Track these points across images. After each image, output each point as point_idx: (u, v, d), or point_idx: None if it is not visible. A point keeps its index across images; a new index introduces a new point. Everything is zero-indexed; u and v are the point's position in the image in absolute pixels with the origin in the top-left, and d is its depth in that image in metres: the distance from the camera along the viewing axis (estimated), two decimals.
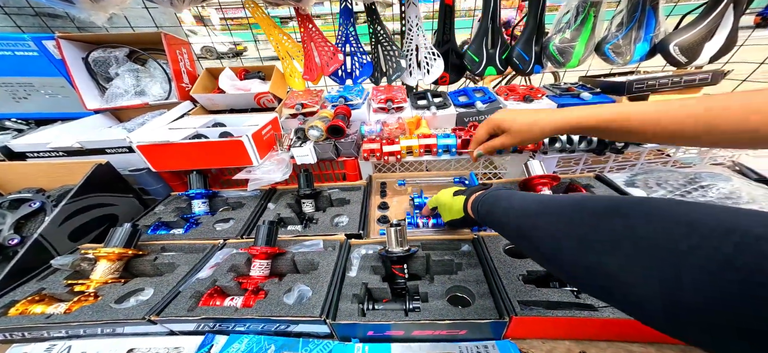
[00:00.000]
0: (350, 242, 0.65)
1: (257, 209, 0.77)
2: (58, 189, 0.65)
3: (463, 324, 0.48)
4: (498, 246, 0.59)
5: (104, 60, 0.83)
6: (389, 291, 0.58)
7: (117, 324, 0.47)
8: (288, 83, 1.03)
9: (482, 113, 0.96)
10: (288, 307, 0.51)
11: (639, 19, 0.85)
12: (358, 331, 0.53)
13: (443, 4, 0.95)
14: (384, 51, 0.98)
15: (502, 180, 0.85)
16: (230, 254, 0.62)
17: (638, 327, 0.45)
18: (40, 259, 0.54)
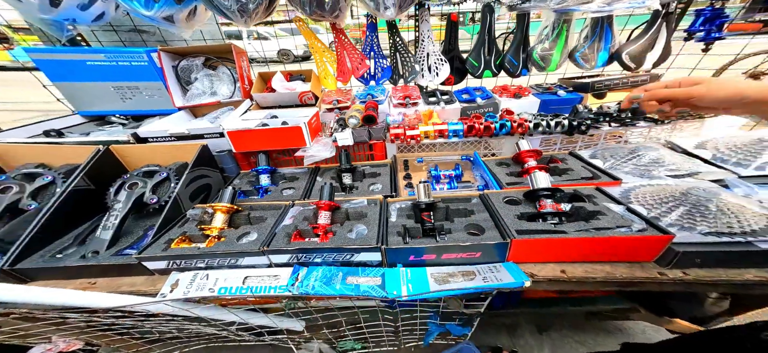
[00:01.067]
0: (388, 200, 0.86)
1: (310, 181, 0.97)
2: (173, 164, 0.84)
3: (478, 246, 0.67)
4: (499, 198, 0.80)
5: (188, 67, 1.02)
6: (421, 232, 0.78)
7: (239, 255, 0.64)
8: (322, 84, 1.23)
9: (482, 107, 1.18)
10: (352, 241, 0.70)
11: (599, 33, 1.09)
12: (402, 256, 0.70)
13: (449, 20, 1.18)
14: (401, 58, 1.20)
15: (497, 157, 1.06)
16: (301, 210, 0.82)
17: (596, 247, 0.61)
18: (176, 212, 0.72)
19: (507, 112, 1.05)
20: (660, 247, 0.58)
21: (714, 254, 0.55)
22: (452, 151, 1.15)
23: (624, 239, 0.58)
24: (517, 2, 0.96)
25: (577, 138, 1.01)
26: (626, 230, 0.59)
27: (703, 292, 0.92)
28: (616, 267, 0.62)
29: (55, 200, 0.70)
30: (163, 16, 0.83)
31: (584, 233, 0.61)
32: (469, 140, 1.07)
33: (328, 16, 0.93)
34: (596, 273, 0.61)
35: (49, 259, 0.66)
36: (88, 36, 1.12)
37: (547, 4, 0.92)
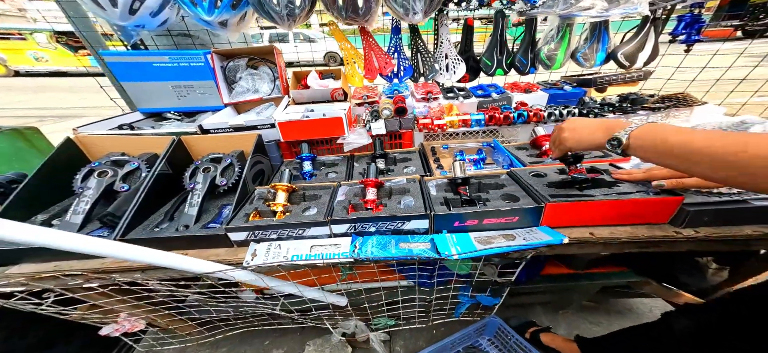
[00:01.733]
0: (425, 179, 0.95)
1: (349, 166, 1.05)
2: (233, 152, 0.92)
3: (515, 211, 0.75)
4: (526, 173, 0.90)
5: (234, 67, 1.10)
6: (460, 203, 0.87)
7: (306, 226, 0.70)
8: (350, 82, 1.33)
9: (496, 101, 1.30)
10: (402, 210, 0.79)
11: (597, 36, 1.24)
12: (448, 223, 0.78)
13: (466, 24, 1.32)
14: (422, 58, 1.32)
15: (513, 144, 1.17)
16: (349, 188, 0.89)
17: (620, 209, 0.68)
18: (244, 192, 0.80)
19: (522, 104, 1.18)
20: (673, 207, 0.66)
21: (719, 213, 0.64)
22: (473, 139, 1.26)
23: (643, 201, 0.66)
24: (527, 8, 1.09)
25: None
26: (643, 194, 0.69)
27: (705, 264, 1.03)
28: (637, 228, 0.69)
29: (147, 181, 0.79)
30: (219, 20, 0.91)
31: (610, 197, 0.69)
32: (487, 129, 1.18)
33: (361, 20, 1.03)
34: (620, 234, 0.69)
35: (149, 232, 0.73)
36: (145, 39, 1.20)
37: (554, 9, 1.06)
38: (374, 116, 1.07)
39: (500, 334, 1.11)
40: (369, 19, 1.02)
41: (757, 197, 0.62)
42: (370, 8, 0.94)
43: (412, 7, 0.90)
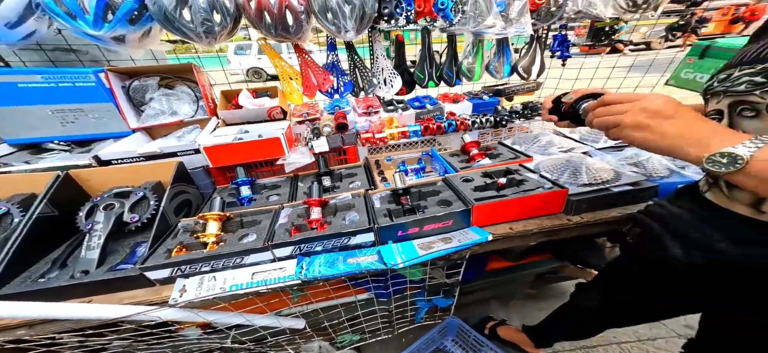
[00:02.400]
0: (369, 192, 0.99)
1: (292, 186, 1.02)
2: (147, 183, 0.78)
3: (449, 215, 0.85)
4: (457, 179, 1.02)
5: (141, 87, 0.94)
6: (402, 213, 0.94)
7: (245, 254, 0.68)
8: (288, 99, 1.29)
9: (431, 111, 1.43)
10: (347, 226, 0.81)
11: (502, 51, 1.48)
12: (392, 233, 0.84)
13: (396, 40, 1.41)
14: (360, 73, 1.36)
15: (449, 151, 1.31)
16: (292, 210, 0.87)
17: (527, 204, 0.83)
18: (165, 226, 0.70)
19: (451, 114, 1.32)
20: (562, 198, 0.85)
21: (592, 200, 0.82)
22: (414, 149, 1.36)
23: (542, 195, 0.83)
24: (446, 26, 1.23)
25: (501, 130, 1.34)
26: (541, 189, 0.86)
27: (602, 244, 1.30)
28: (543, 220, 0.85)
29: (22, 227, 0.65)
30: (112, 36, 0.79)
31: (518, 195, 0.84)
32: (425, 138, 1.30)
33: (292, 37, 1.01)
34: (532, 226, 0.84)
35: (31, 284, 0.60)
36: (5, 55, 0.94)
37: (467, 27, 1.22)
38: (315, 133, 1.07)
39: (461, 333, 1.22)
40: (302, 36, 1.02)
41: (616, 184, 0.83)
42: (302, 26, 0.94)
43: (343, 25, 0.93)
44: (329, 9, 0.91)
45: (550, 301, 1.49)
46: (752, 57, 0.44)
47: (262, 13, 0.78)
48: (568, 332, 1.06)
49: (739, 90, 0.44)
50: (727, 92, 0.46)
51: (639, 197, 0.82)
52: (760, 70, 0.42)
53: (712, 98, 0.50)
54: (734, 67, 0.47)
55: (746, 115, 0.45)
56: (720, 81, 0.48)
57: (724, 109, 0.47)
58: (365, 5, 0.98)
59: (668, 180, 0.82)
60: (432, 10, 1.20)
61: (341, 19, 0.93)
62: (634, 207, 0.82)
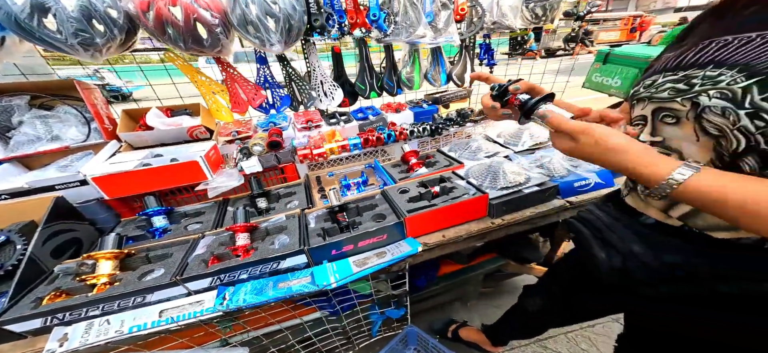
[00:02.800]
0: (305, 211, 0.95)
1: (220, 212, 0.94)
2: (13, 225, 0.64)
3: (383, 229, 0.86)
4: (395, 190, 1.03)
5: (6, 108, 0.76)
6: (339, 231, 0.92)
7: (147, 292, 0.60)
8: (215, 117, 1.19)
9: (373, 122, 1.45)
10: (275, 250, 0.77)
11: (437, 60, 1.56)
12: (325, 253, 0.82)
13: (333, 52, 1.40)
14: (297, 86, 1.32)
15: (392, 161, 1.33)
16: (214, 238, 0.80)
17: (455, 211, 0.87)
18: (35, 272, 0.59)
19: (392, 124, 1.35)
20: (485, 203, 0.91)
21: (508, 202, 0.90)
22: (357, 162, 1.36)
23: (468, 201, 0.88)
24: (381, 36, 1.26)
25: (439, 138, 1.40)
26: (467, 195, 0.91)
27: (536, 239, 1.42)
28: (471, 224, 0.91)
29: None
30: None
31: (446, 203, 0.88)
32: (368, 150, 1.30)
33: (209, 51, 0.93)
34: (461, 232, 0.89)
35: None
36: None
37: (401, 37, 1.26)
38: (245, 153, 1.00)
39: (421, 341, 1.23)
40: (222, 50, 0.95)
41: (527, 186, 0.91)
42: (219, 39, 0.87)
43: (267, 38, 0.88)
44: (250, 22, 0.86)
45: (505, 297, 1.60)
46: (674, 64, 0.45)
47: (163, 25, 0.71)
48: (517, 332, 1.15)
49: (662, 97, 0.44)
50: (651, 98, 0.47)
51: (545, 197, 0.91)
52: (681, 77, 0.42)
53: (638, 103, 0.50)
54: (659, 74, 0.47)
55: (667, 121, 0.45)
56: (645, 87, 0.48)
57: (648, 115, 0.48)
58: (291, 18, 0.95)
59: (566, 179, 0.93)
60: (365, 21, 1.21)
61: (264, 32, 0.89)
62: (544, 206, 0.92)
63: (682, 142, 0.44)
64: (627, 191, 0.58)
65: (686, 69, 0.42)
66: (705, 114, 0.38)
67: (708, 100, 0.38)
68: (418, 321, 1.48)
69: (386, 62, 1.48)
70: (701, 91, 0.39)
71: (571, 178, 0.93)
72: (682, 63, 0.43)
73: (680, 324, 0.51)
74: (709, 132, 0.39)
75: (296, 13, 0.96)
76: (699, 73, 0.40)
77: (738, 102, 0.35)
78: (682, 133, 0.43)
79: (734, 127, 0.36)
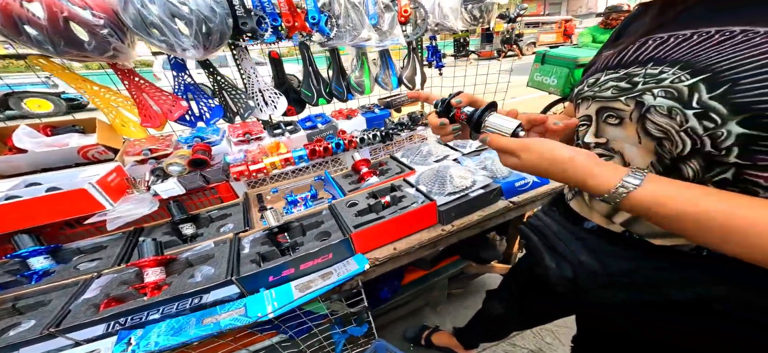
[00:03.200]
0: (239, 236, 0.84)
1: (128, 244, 0.79)
2: None
3: (328, 248, 0.79)
4: (343, 204, 0.97)
5: None
6: (279, 254, 0.83)
7: (9, 351, 0.46)
8: (121, 133, 1.01)
9: (323, 131, 1.37)
10: (195, 284, 0.66)
11: (386, 63, 1.54)
12: (261, 280, 0.73)
13: (272, 58, 1.29)
14: (229, 95, 1.19)
15: (343, 172, 1.27)
16: (114, 277, 0.66)
17: (405, 221, 0.83)
18: None
19: (341, 132, 1.28)
20: (434, 210, 0.89)
21: (457, 207, 0.89)
22: (306, 175, 1.26)
23: (417, 210, 0.85)
24: (324, 40, 1.19)
25: (392, 144, 1.37)
26: (416, 204, 0.88)
27: (493, 238, 1.45)
28: (422, 233, 0.88)
29: None
30: None
31: (395, 214, 0.84)
32: (317, 162, 1.22)
33: (97, 55, 0.77)
34: (413, 242, 0.86)
35: None
36: None
37: (345, 40, 1.21)
38: (159, 175, 0.86)
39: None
40: (117, 55, 0.79)
41: (473, 190, 0.91)
42: (108, 43, 0.72)
43: (177, 43, 0.76)
44: (151, 24, 0.74)
45: (474, 297, 1.62)
46: (615, 62, 0.43)
47: (16, 24, 0.56)
48: (484, 335, 1.17)
49: (606, 95, 0.42)
50: (594, 97, 0.44)
51: (490, 199, 0.92)
52: (623, 75, 0.40)
53: (583, 102, 0.48)
54: (601, 72, 0.45)
55: (611, 122, 0.43)
56: (589, 85, 0.46)
57: (593, 115, 0.46)
58: (209, 21, 0.84)
59: (508, 179, 0.95)
60: (305, 24, 1.14)
61: (172, 36, 0.77)
62: (490, 209, 0.92)
63: (624, 143, 0.42)
64: (571, 195, 0.56)
65: (627, 67, 0.41)
66: (649, 114, 0.36)
67: (652, 99, 0.36)
68: (391, 331, 1.48)
69: (333, 67, 1.41)
70: (644, 89, 0.37)
71: (512, 178, 0.95)
72: (623, 60, 0.42)
73: (630, 326, 0.51)
74: (652, 134, 0.37)
75: (216, 16, 0.85)
76: (640, 71, 0.38)
77: (685, 101, 0.33)
78: (625, 134, 0.41)
79: (681, 128, 0.34)
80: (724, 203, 0.31)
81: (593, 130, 0.46)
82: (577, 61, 2.63)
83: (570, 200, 0.57)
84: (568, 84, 2.78)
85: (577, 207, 0.54)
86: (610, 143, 0.44)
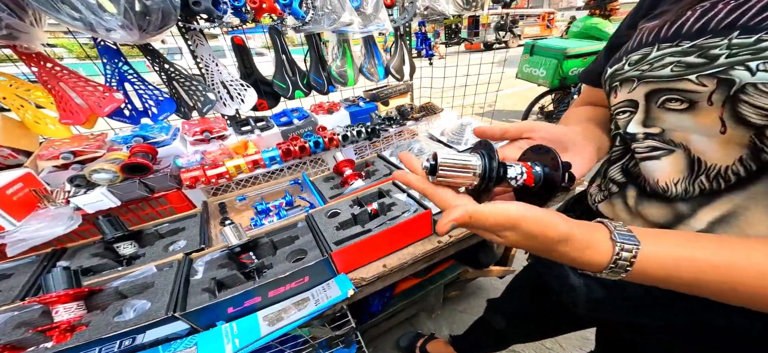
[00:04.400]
0: (191, 256, 0.69)
1: (39, 271, 0.61)
2: None
3: (303, 271, 0.66)
4: (322, 214, 0.83)
5: None
6: (243, 278, 0.68)
7: None
8: (37, 132, 0.81)
9: (300, 127, 1.21)
10: (124, 323, 0.51)
11: (371, 52, 1.40)
12: (217, 313, 0.60)
13: (235, 44, 1.12)
14: (183, 87, 1.01)
15: (325, 174, 1.11)
16: (11, 316, 0.50)
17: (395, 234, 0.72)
18: None
19: (321, 129, 1.14)
20: (429, 220, 0.77)
21: None
22: (281, 179, 1.11)
23: (409, 221, 0.73)
24: (299, 24, 1.04)
25: (379, 142, 1.24)
26: (408, 213, 0.76)
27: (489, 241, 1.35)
28: (416, 246, 0.77)
29: None
30: None
31: (383, 227, 0.72)
32: (293, 163, 1.07)
33: None
34: (406, 257, 0.74)
35: None
36: None
37: (322, 26, 1.06)
38: (80, 184, 0.69)
39: None
40: (18, 35, 0.61)
41: None
42: None
43: (99, 22, 0.60)
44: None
45: (471, 300, 1.55)
46: (671, 33, 0.34)
47: None
48: (482, 348, 1.10)
49: (662, 75, 0.34)
50: (643, 77, 0.36)
51: None
52: (690, 48, 0.32)
53: (623, 85, 0.39)
54: (649, 46, 0.36)
55: (672, 107, 0.34)
56: (632, 64, 0.38)
57: (640, 99, 0.37)
58: None
59: None
60: (274, 6, 0.98)
61: (90, 13, 0.60)
62: None
63: (693, 134, 0.33)
64: (601, 197, 0.47)
65: (693, 38, 0.32)
66: (745, 95, 0.28)
67: (749, 75, 0.27)
68: (383, 341, 1.40)
69: (311, 55, 1.26)
70: (733, 63, 0.28)
71: None
72: (684, 30, 0.33)
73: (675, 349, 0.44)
74: (748, 120, 0.28)
75: None
76: (719, 42, 0.30)
77: None
78: (695, 122, 0.33)
79: None
80: None
81: (640, 118, 0.38)
82: (566, 52, 2.61)
83: (599, 204, 0.48)
84: (557, 76, 2.76)
85: (609, 213, 0.45)
86: (667, 134, 0.36)
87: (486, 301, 0.98)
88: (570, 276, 0.45)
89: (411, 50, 1.46)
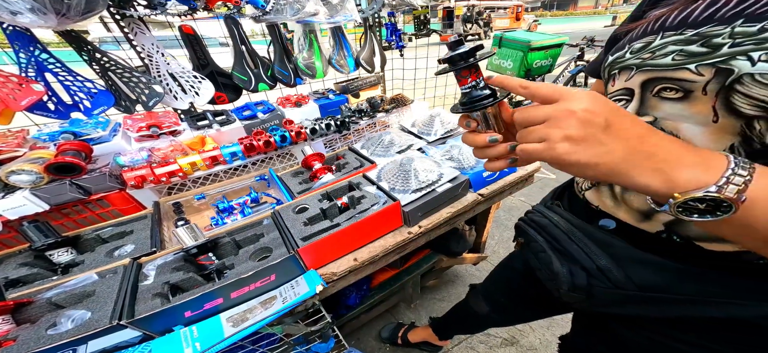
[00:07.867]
0: (140, 261, 0.64)
1: None
2: None
3: (269, 269, 0.63)
4: (289, 210, 0.81)
5: None
6: (202, 280, 0.65)
7: None
8: None
9: (265, 121, 1.17)
10: (60, 335, 0.48)
11: (340, 43, 1.38)
12: (175, 317, 0.57)
13: (184, 33, 1.05)
14: (121, 79, 0.92)
15: (294, 168, 1.09)
16: None
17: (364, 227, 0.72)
18: None
19: (287, 122, 1.10)
20: (398, 211, 0.79)
21: (424, 206, 0.78)
22: (245, 175, 1.06)
23: (378, 213, 0.74)
24: (259, 14, 1.00)
25: (351, 134, 1.24)
26: (377, 206, 0.76)
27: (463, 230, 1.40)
28: (387, 238, 0.78)
29: None
30: None
31: (352, 220, 0.72)
32: (258, 158, 1.03)
33: None
34: (377, 250, 0.75)
35: None
36: None
37: (285, 16, 1.03)
38: None
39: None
40: None
41: (440, 184, 0.83)
42: None
43: (4, 5, 0.53)
44: None
45: (449, 288, 1.62)
46: (678, 21, 0.35)
47: None
48: (460, 329, 1.16)
49: (663, 63, 0.35)
50: (643, 65, 0.37)
51: (458, 193, 0.85)
52: (693, 36, 0.32)
53: (622, 73, 0.40)
54: (654, 34, 0.37)
55: (667, 96, 0.35)
56: (634, 52, 0.38)
57: (635, 88, 0.38)
58: None
59: (476, 169, 0.89)
60: None
61: None
62: (459, 203, 0.86)
63: (684, 123, 0.34)
64: (588, 185, 0.48)
65: (698, 26, 0.32)
66: (741, 85, 0.29)
67: (750, 65, 0.28)
68: (365, 333, 1.42)
69: (274, 47, 1.22)
70: (734, 53, 0.29)
71: (480, 168, 0.89)
72: (690, 18, 0.34)
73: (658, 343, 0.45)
74: (740, 110, 0.30)
75: None
76: (722, 30, 0.30)
77: None
78: (688, 111, 0.33)
79: None
80: None
81: (634, 106, 0.39)
82: (530, 44, 2.77)
83: (585, 191, 0.49)
84: (523, 67, 2.92)
85: (595, 200, 0.47)
86: (659, 122, 0.37)
87: (469, 286, 1.02)
88: (554, 263, 0.46)
89: (381, 41, 1.47)
